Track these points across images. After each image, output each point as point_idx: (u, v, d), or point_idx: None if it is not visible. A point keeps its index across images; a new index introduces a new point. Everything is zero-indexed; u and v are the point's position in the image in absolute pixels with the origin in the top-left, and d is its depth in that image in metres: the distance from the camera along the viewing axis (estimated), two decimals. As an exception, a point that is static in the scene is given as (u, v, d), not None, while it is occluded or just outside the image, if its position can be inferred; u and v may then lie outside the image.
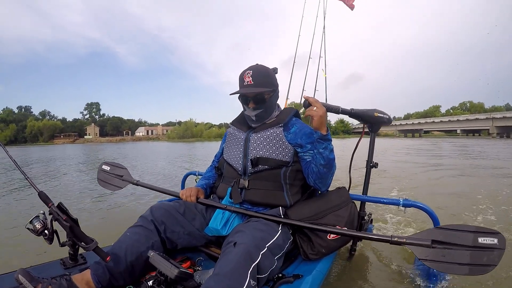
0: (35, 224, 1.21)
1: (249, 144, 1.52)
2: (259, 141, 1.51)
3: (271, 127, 1.52)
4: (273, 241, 1.22)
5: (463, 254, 1.01)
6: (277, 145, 1.48)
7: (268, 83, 1.49)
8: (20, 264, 1.16)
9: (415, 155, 13.10)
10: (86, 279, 1.15)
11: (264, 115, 1.54)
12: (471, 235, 1.02)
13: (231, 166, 1.58)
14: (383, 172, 7.09)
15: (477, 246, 1.00)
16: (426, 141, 29.60)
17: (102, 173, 2.01)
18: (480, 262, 0.98)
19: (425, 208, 1.58)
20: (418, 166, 8.56)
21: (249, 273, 1.03)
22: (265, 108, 1.52)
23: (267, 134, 1.51)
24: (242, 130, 1.61)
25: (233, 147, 1.60)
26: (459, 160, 10.27)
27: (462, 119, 54.33)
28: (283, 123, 1.52)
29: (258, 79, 1.46)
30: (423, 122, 62.80)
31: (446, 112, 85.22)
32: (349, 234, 1.27)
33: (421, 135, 61.47)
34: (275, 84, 1.55)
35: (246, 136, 1.56)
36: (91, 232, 1.31)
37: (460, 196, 4.42)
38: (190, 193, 1.52)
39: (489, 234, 1.01)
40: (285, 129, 1.53)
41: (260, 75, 1.47)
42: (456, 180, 6.08)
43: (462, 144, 22.69)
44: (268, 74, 1.51)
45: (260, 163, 1.47)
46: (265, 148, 1.48)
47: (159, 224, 1.36)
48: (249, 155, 1.50)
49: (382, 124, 1.78)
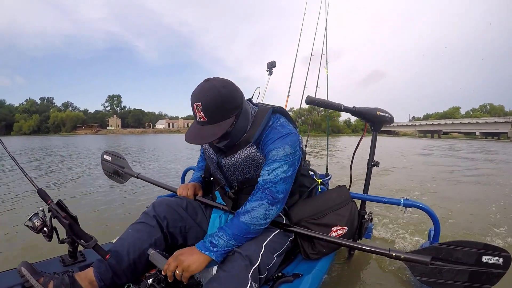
0: (34, 222, 1.19)
1: (224, 170, 1.34)
2: (234, 167, 1.30)
3: (240, 149, 1.26)
4: (270, 238, 1.21)
5: (462, 272, 0.97)
6: (256, 166, 1.26)
7: (225, 113, 1.12)
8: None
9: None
10: (89, 277, 1.13)
11: (234, 140, 1.25)
12: (476, 253, 0.97)
13: (217, 180, 1.49)
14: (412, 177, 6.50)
15: (480, 264, 0.96)
16: (446, 142, 29.06)
17: (105, 163, 2.03)
18: (477, 281, 0.95)
19: (425, 209, 1.58)
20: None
21: (250, 276, 1.03)
22: (232, 137, 1.22)
23: (241, 157, 1.26)
24: (213, 150, 1.37)
25: (212, 166, 1.45)
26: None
27: (481, 122, 53.42)
28: (252, 141, 1.23)
29: (211, 114, 1.10)
30: (443, 123, 62.05)
31: (466, 114, 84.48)
32: (347, 244, 1.25)
33: (440, 136, 60.82)
34: (237, 104, 1.15)
35: (217, 160, 1.34)
36: (90, 229, 1.32)
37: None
38: (187, 192, 1.47)
39: (496, 253, 0.96)
40: (259, 143, 1.26)
41: (211, 107, 1.09)
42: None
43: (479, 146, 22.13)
44: (221, 103, 1.10)
45: (245, 184, 1.34)
46: (244, 171, 1.30)
47: (161, 220, 1.33)
48: (229, 179, 1.36)
49: (383, 123, 1.78)
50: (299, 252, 1.48)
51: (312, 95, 1.74)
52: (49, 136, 61.45)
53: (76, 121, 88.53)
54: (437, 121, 65.96)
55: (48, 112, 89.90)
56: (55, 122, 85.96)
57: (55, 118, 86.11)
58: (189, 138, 1.17)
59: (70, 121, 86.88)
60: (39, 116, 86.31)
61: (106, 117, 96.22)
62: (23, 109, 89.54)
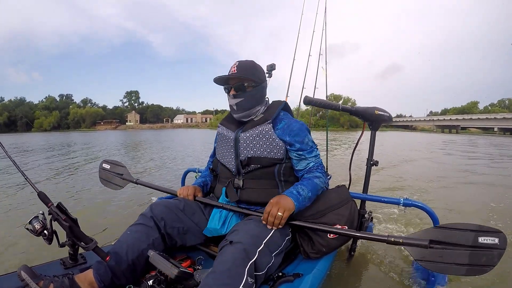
0: (34, 225, 1.19)
1: (239, 144, 1.50)
2: (249, 140, 1.48)
3: (259, 124, 1.49)
4: (269, 237, 1.22)
5: (462, 254, 0.99)
6: (268, 142, 1.45)
7: (251, 74, 1.48)
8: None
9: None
10: (88, 278, 1.15)
11: (245, 104, 1.51)
12: (471, 234, 1.00)
13: (225, 166, 1.58)
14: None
15: (477, 246, 0.98)
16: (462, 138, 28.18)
17: (103, 171, 2.02)
18: (478, 262, 0.97)
19: (425, 208, 1.58)
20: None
21: (246, 271, 1.05)
22: (245, 98, 1.50)
23: (256, 133, 1.47)
24: (231, 130, 1.58)
25: (224, 148, 1.58)
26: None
27: (499, 118, 52.38)
28: (271, 119, 1.49)
29: (242, 70, 1.47)
30: (460, 118, 60.88)
31: (484, 109, 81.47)
32: (346, 233, 1.27)
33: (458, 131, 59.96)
34: (261, 78, 1.54)
35: (235, 136, 1.53)
36: (89, 231, 1.34)
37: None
38: (187, 192, 1.54)
39: (490, 234, 0.98)
40: (274, 125, 1.50)
41: (245, 67, 1.49)
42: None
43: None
44: (253, 67, 1.52)
45: (253, 163, 1.46)
46: (255, 147, 1.46)
47: (158, 221, 1.36)
48: (240, 156, 1.49)
49: (382, 122, 1.79)
50: (299, 252, 1.50)
51: (311, 96, 1.81)
52: (71, 132, 63.06)
53: (95, 117, 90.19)
54: (455, 116, 64.44)
55: (67, 109, 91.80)
56: (75, 118, 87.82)
57: (74, 115, 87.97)
58: (218, 76, 1.49)
59: (90, 117, 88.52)
60: (59, 113, 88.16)
61: (125, 113, 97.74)
62: (43, 106, 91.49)
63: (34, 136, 38.93)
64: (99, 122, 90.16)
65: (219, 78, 1.50)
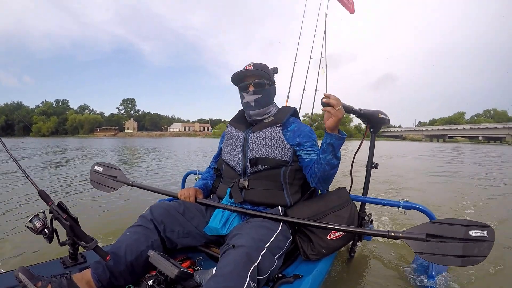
0: (35, 223, 1.18)
1: (248, 144, 1.51)
2: (258, 140, 1.50)
3: (269, 126, 1.52)
4: (272, 240, 1.22)
5: (456, 247, 1.04)
6: (276, 144, 1.47)
7: (267, 74, 1.54)
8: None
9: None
10: (86, 278, 1.15)
11: (262, 101, 1.55)
12: (462, 229, 1.05)
13: (230, 166, 1.57)
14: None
15: (469, 238, 1.03)
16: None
17: (94, 174, 1.90)
18: (471, 253, 1.02)
19: (425, 210, 1.59)
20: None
21: (248, 275, 1.03)
22: (263, 94, 1.54)
23: (265, 134, 1.50)
24: (240, 130, 1.60)
25: (232, 147, 1.59)
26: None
27: (482, 127, 58.06)
28: (281, 123, 1.51)
29: (258, 69, 1.52)
30: (448, 128, 65.82)
31: (470, 119, 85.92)
32: (347, 229, 1.27)
33: (445, 140, 63.52)
34: (273, 80, 1.61)
35: (244, 136, 1.55)
36: (90, 230, 1.30)
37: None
38: (188, 194, 1.51)
39: (479, 227, 1.04)
40: (284, 128, 1.53)
41: (260, 66, 1.54)
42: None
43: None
44: (267, 68, 1.59)
45: (260, 163, 1.46)
46: (264, 148, 1.47)
47: (158, 224, 1.36)
48: (248, 155, 1.49)
49: (382, 124, 1.82)
50: (299, 254, 1.49)
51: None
52: (69, 138, 62.35)
53: (94, 124, 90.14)
54: (442, 126, 69.70)
55: (65, 115, 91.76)
56: (73, 124, 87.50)
57: (73, 121, 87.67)
58: (240, 71, 1.54)
59: (88, 124, 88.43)
60: (57, 118, 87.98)
61: (122, 120, 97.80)
62: (40, 111, 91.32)
63: (36, 140, 37.98)
64: (96, 129, 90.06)
65: (240, 73, 1.54)
